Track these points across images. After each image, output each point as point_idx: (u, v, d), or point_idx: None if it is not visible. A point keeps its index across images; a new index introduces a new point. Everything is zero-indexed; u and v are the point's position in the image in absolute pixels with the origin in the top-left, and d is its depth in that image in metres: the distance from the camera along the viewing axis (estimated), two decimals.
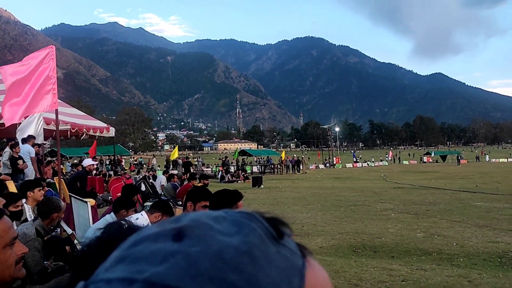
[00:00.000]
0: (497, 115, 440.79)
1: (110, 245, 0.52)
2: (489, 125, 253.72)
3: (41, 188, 5.81)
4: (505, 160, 74.36)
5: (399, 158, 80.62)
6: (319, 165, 59.88)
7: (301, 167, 44.16)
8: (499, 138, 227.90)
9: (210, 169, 43.23)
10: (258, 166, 44.62)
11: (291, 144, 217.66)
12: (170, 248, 0.39)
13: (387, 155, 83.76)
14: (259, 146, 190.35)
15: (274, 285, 0.38)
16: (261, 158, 54.06)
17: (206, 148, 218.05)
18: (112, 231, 0.59)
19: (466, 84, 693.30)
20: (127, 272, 0.38)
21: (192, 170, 23.70)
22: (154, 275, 0.37)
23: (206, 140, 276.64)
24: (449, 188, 20.75)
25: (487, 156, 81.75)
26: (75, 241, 4.00)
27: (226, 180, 29.77)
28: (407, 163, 70.75)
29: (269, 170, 42.95)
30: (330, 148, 79.56)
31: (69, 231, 4.29)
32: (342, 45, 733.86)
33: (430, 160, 76.48)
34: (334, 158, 64.97)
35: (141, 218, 4.09)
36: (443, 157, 77.89)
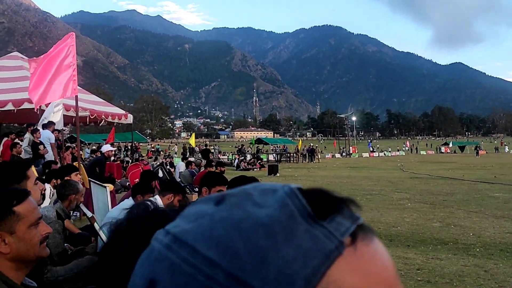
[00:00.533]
0: None
1: (137, 225, 0.55)
2: (509, 115, 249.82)
3: (78, 172, 5.93)
4: None
5: (416, 148, 79.95)
6: (335, 154, 59.71)
7: (315, 156, 43.94)
8: None
9: (226, 157, 43.41)
10: (274, 154, 44.68)
11: (308, 133, 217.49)
12: (206, 211, 0.41)
13: (404, 145, 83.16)
14: (275, 134, 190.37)
15: (283, 261, 0.36)
16: (277, 146, 54.10)
17: (223, 136, 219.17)
18: (139, 212, 0.60)
19: (486, 74, 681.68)
20: (171, 226, 0.42)
21: (210, 158, 23.83)
22: (181, 232, 0.40)
23: (223, 128, 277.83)
24: (466, 179, 20.53)
25: (507, 147, 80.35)
26: (95, 224, 4.09)
27: (242, 168, 29.88)
28: (425, 153, 70.11)
29: (285, 159, 42.97)
30: (346, 138, 79.23)
31: (89, 214, 4.37)
32: (360, 34, 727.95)
33: (448, 151, 75.68)
34: (351, 148, 64.76)
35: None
36: (462, 148, 77.03)
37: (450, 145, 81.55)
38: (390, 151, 68.80)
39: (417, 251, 6.80)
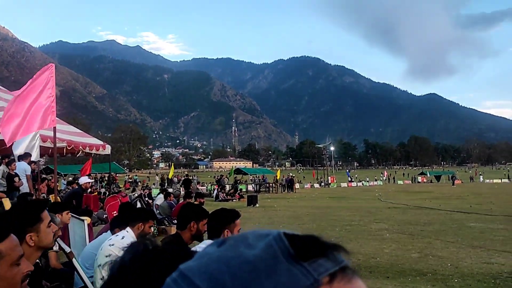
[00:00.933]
0: (491, 136, 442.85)
1: (136, 265, 0.60)
2: (483, 145, 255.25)
3: (69, 211, 5.74)
4: (499, 180, 74.57)
5: (393, 178, 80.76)
6: (314, 184, 59.87)
7: (294, 186, 43.92)
8: (493, 159, 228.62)
9: (205, 187, 43.14)
10: (253, 184, 44.58)
11: (286, 163, 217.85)
12: (209, 251, 0.50)
13: (382, 175, 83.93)
14: (254, 164, 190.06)
15: None
16: (256, 176, 54.03)
17: (202, 166, 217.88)
18: (139, 251, 0.62)
19: (460, 104, 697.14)
20: (184, 264, 0.50)
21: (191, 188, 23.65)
22: (186, 268, 0.49)
23: (202, 158, 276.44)
24: (443, 209, 20.79)
25: (481, 176, 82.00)
26: (73, 260, 4.01)
27: (221, 198, 29.70)
28: (402, 183, 70.84)
29: (264, 189, 42.89)
30: (325, 167, 79.58)
31: (67, 249, 4.29)
32: (337, 65, 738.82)
33: (425, 180, 76.69)
34: (329, 177, 65.07)
35: (127, 236, 4.02)
36: (438, 177, 78.12)
37: (428, 175, 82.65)
38: (368, 181, 69.34)
39: (397, 282, 6.82)
